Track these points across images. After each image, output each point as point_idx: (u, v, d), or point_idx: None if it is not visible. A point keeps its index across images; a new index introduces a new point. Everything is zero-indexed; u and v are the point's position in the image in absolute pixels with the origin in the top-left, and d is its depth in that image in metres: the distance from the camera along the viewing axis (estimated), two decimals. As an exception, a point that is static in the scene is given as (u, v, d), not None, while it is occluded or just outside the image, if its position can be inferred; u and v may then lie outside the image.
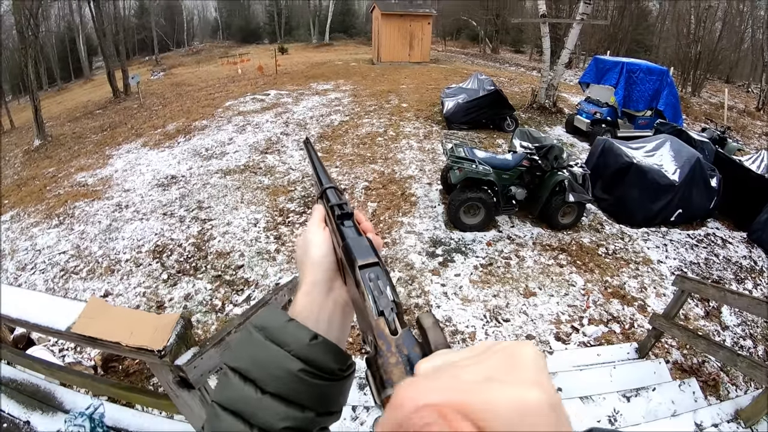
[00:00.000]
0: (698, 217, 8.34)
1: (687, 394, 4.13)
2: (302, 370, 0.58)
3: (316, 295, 0.68)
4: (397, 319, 0.54)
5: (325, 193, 0.80)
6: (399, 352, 0.50)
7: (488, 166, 6.98)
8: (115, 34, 25.86)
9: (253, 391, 0.57)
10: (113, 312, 2.12)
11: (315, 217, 0.76)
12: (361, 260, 0.61)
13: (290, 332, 0.60)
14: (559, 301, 6.10)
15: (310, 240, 0.73)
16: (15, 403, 3.04)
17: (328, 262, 0.70)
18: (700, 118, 18.51)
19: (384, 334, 0.52)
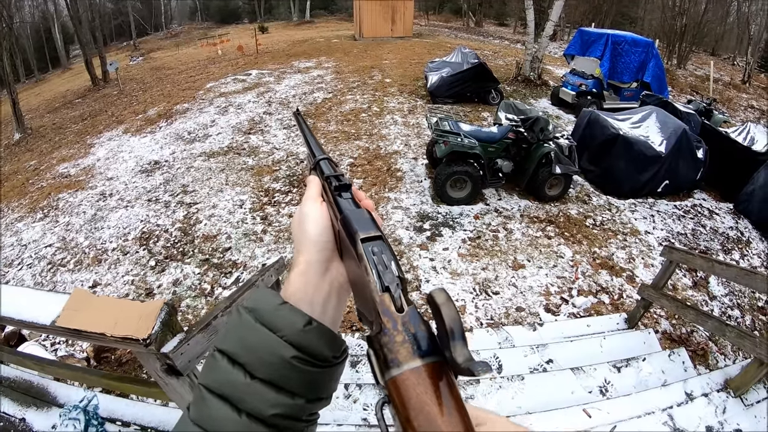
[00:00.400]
0: (685, 189, 8.40)
1: (677, 364, 4.17)
2: (295, 357, 0.54)
3: (312, 275, 0.64)
4: (402, 295, 0.52)
5: (318, 165, 0.76)
6: (405, 331, 0.48)
7: (474, 139, 6.94)
8: (91, 20, 25.53)
9: (242, 376, 0.54)
10: (97, 302, 2.08)
11: (311, 191, 0.72)
12: (362, 233, 0.58)
13: (283, 316, 0.56)
14: (548, 272, 6.12)
15: (306, 214, 0.68)
16: (10, 400, 3.03)
17: (325, 240, 0.66)
18: (686, 90, 18.58)
19: (390, 311, 0.50)
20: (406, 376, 0.45)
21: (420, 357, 0.46)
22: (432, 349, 0.47)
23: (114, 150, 11.37)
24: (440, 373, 0.45)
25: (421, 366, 0.45)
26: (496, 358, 4.14)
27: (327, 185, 0.71)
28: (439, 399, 0.44)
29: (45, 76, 39.33)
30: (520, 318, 5.34)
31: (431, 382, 0.45)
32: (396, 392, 0.45)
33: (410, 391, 0.44)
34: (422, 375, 0.45)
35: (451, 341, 0.44)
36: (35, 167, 11.86)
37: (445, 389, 0.45)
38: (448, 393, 0.45)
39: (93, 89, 21.33)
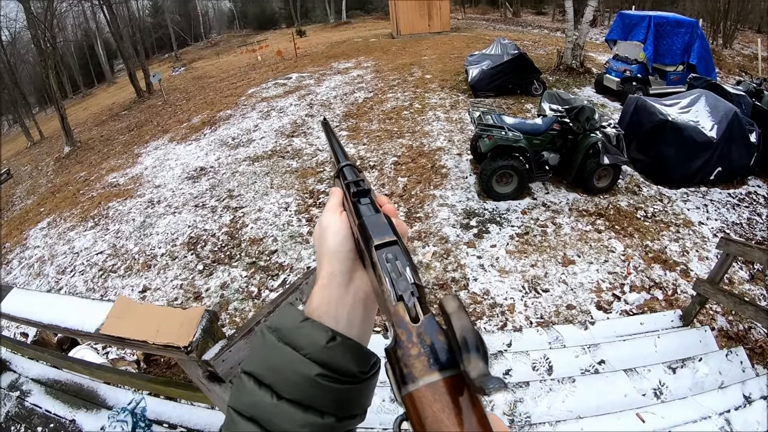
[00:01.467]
0: (738, 175, 8.04)
1: (734, 364, 3.98)
2: (320, 374, 0.52)
3: (334, 288, 0.61)
4: (418, 304, 0.49)
5: (342, 172, 0.74)
6: (421, 342, 0.45)
7: (518, 132, 6.82)
8: (132, 35, 26.17)
9: (269, 397, 0.53)
10: (140, 310, 2.11)
11: (332, 201, 0.70)
12: (377, 239, 0.56)
13: (305, 334, 0.55)
14: (598, 268, 5.96)
15: (325, 226, 0.66)
16: (60, 403, 3.13)
17: (346, 250, 0.64)
18: (734, 70, 17.92)
19: (404, 321, 0.48)
20: (422, 392, 0.42)
21: (438, 371, 0.43)
22: (451, 361, 0.43)
23: (160, 158, 11.65)
24: (460, 387, 0.42)
25: (439, 380, 0.42)
26: (546, 359, 4.04)
27: (347, 192, 0.69)
28: (458, 417, 0.40)
29: (91, 90, 40.79)
30: (570, 316, 5.21)
31: (450, 398, 0.41)
32: (413, 409, 0.42)
33: (426, 408, 0.41)
34: (439, 390, 0.42)
35: (464, 353, 0.40)
36: (85, 178, 12.26)
37: (466, 406, 0.41)
38: (470, 410, 0.41)
39: (138, 101, 21.97)
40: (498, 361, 4.02)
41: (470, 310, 5.32)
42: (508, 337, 4.59)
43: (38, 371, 3.38)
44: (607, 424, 3.12)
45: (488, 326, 5.10)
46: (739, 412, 3.18)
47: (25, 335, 5.33)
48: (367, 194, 0.67)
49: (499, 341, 4.53)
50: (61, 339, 4.83)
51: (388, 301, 0.50)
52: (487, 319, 5.21)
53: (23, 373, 3.39)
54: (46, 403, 3.14)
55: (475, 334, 0.41)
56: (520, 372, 3.94)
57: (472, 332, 0.41)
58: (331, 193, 0.72)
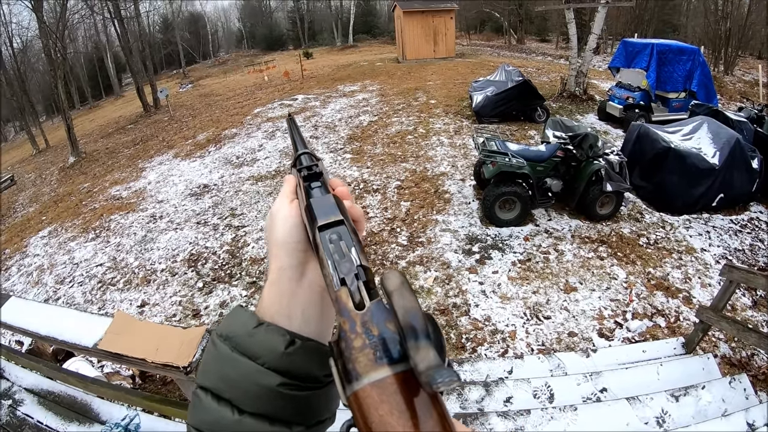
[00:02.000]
0: (741, 201, 8.04)
1: (738, 392, 3.93)
2: (282, 384, 0.49)
3: (285, 283, 0.57)
4: (363, 288, 0.44)
5: (299, 160, 0.69)
6: (366, 332, 0.40)
7: (522, 159, 6.84)
8: (142, 50, 26.40)
9: (230, 413, 0.48)
10: (139, 327, 2.11)
11: (283, 189, 0.65)
12: (321, 219, 0.51)
13: (260, 341, 0.51)
14: (600, 295, 5.94)
15: (273, 215, 0.61)
16: (53, 415, 3.10)
17: (295, 240, 0.58)
18: (735, 96, 17.96)
19: (346, 308, 0.42)
20: (367, 391, 0.37)
21: (388, 365, 0.37)
22: (404, 354, 0.37)
23: (164, 174, 11.68)
24: (416, 386, 0.36)
25: (387, 377, 0.37)
26: (547, 387, 4.01)
27: (300, 179, 0.64)
28: (413, 422, 0.34)
29: (98, 103, 40.98)
30: (572, 343, 5.18)
31: (402, 398, 0.36)
32: (358, 412, 0.37)
33: (372, 412, 0.36)
34: (388, 389, 0.36)
35: (409, 341, 0.35)
36: (88, 189, 12.29)
37: (424, 407, 0.36)
38: (428, 413, 0.35)
39: (144, 115, 22.06)
40: (499, 388, 3.99)
41: (471, 337, 5.30)
42: (509, 364, 4.56)
43: (32, 381, 3.35)
44: (608, 453, 3.09)
45: (489, 353, 5.06)
46: (743, 440, 3.15)
47: (20, 343, 5.29)
48: (319, 177, 0.63)
49: (500, 368, 4.49)
50: (56, 350, 4.80)
51: (331, 286, 0.46)
52: (488, 345, 5.17)
53: (16, 382, 3.36)
54: (38, 413, 3.11)
55: (423, 316, 0.37)
56: (521, 400, 3.91)
57: (419, 314, 0.37)
58: (285, 181, 0.67)
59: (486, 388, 3.98)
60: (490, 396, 3.91)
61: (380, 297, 0.42)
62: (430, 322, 0.37)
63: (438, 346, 0.36)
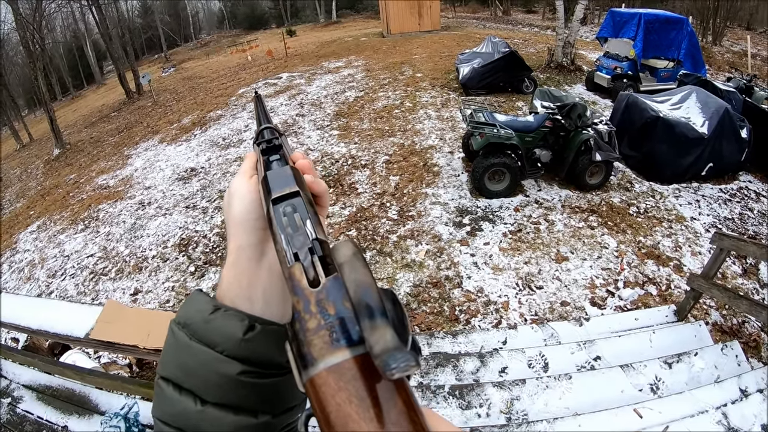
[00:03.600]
0: (730, 171, 8.08)
1: (730, 358, 3.99)
2: (243, 372, 0.46)
3: (244, 263, 0.54)
4: (319, 263, 0.40)
5: (261, 135, 0.65)
6: (321, 312, 0.36)
7: (510, 130, 6.81)
8: (122, 36, 26.03)
9: (192, 403, 0.46)
10: (130, 314, 2.08)
11: (243, 166, 0.62)
12: (276, 192, 0.48)
13: (218, 327, 0.48)
14: (592, 264, 5.96)
15: (232, 193, 0.58)
16: (52, 409, 3.08)
17: (253, 218, 0.55)
18: (724, 67, 18.04)
19: (300, 286, 0.38)
20: (323, 377, 0.33)
21: (347, 347, 0.33)
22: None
23: (151, 160, 11.59)
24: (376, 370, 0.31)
25: (345, 361, 0.33)
26: (542, 356, 4.03)
27: (260, 154, 0.61)
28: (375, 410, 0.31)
29: (81, 92, 40.62)
30: (565, 313, 5.20)
31: (363, 384, 0.32)
32: (314, 400, 0.33)
33: (329, 399, 0.32)
34: (346, 374, 0.32)
35: (362, 320, 0.33)
36: (75, 180, 12.19)
37: (387, 394, 0.32)
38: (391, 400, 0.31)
39: (128, 102, 21.86)
40: (494, 359, 4.01)
41: (464, 308, 5.32)
42: (503, 334, 4.58)
43: (29, 377, 3.33)
44: (604, 420, 3.11)
45: (483, 324, 5.08)
46: (735, 406, 3.19)
47: (15, 340, 5.26)
48: (278, 150, 0.60)
49: (494, 339, 4.51)
50: (52, 344, 4.77)
51: (284, 263, 0.42)
52: (481, 316, 5.19)
53: (14, 379, 3.34)
54: (38, 409, 3.09)
55: (377, 291, 0.34)
56: (516, 369, 3.93)
57: (374, 289, 0.34)
58: (245, 158, 0.64)
59: (481, 359, 4.00)
60: (485, 367, 3.93)
61: (337, 273, 0.38)
62: (387, 297, 0.35)
63: (398, 324, 0.33)
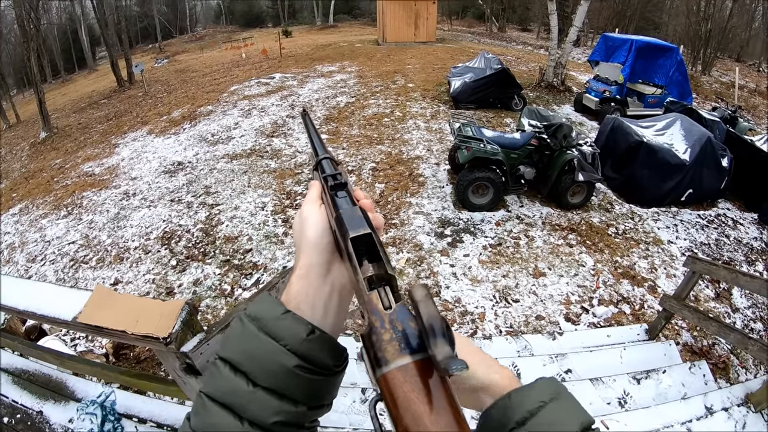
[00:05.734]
0: (709, 198, 8.24)
1: (697, 377, 4.10)
2: (298, 366, 0.55)
3: (313, 278, 0.64)
4: (390, 292, 0.54)
5: (320, 165, 0.76)
6: (393, 328, 0.49)
7: (496, 146, 6.91)
8: (117, 23, 25.77)
9: (245, 384, 0.54)
10: (119, 300, 2.10)
11: (311, 194, 0.73)
12: (353, 232, 0.58)
13: (286, 326, 0.57)
14: (568, 281, 6.06)
15: (305, 218, 0.69)
16: (28, 393, 3.07)
17: (324, 242, 0.66)
18: (711, 97, 18.32)
19: (377, 309, 0.52)
20: (393, 374, 0.47)
21: (409, 354, 0.47)
22: (421, 346, 0.47)
23: (138, 150, 11.53)
24: (430, 370, 0.46)
25: (409, 363, 0.47)
26: (514, 367, 4.11)
27: (325, 185, 0.71)
28: (428, 397, 0.45)
29: (71, 76, 40.12)
30: (539, 326, 5.29)
31: (420, 379, 0.46)
32: (386, 389, 0.47)
33: (398, 389, 0.46)
34: (410, 372, 0.46)
35: (431, 338, 0.45)
36: (60, 165, 12.09)
37: (436, 387, 0.46)
38: (440, 391, 0.46)
39: (118, 90, 21.68)
40: (466, 368, 4.07)
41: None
42: (478, 344, 4.64)
43: (5, 360, 3.30)
44: (572, 430, 3.18)
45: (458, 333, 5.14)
46: (700, 422, 3.28)
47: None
48: (344, 187, 0.69)
49: (468, 348, 4.57)
50: (29, 328, 4.75)
51: (363, 290, 0.54)
52: (457, 326, 5.25)
53: (-11, 362, 3.34)
54: (12, 392, 3.08)
55: (441, 320, 0.46)
56: (488, 379, 3.99)
57: (439, 319, 0.46)
58: (311, 186, 0.75)
59: (454, 367, 4.05)
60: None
61: (402, 300, 0.52)
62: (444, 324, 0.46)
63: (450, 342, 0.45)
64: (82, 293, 2.11)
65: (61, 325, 2.25)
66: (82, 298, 2.06)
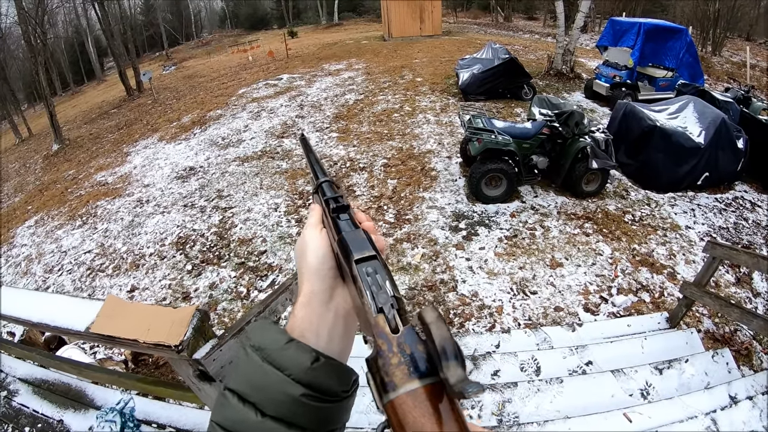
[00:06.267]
0: (725, 180, 8.13)
1: (720, 365, 4.03)
2: (304, 394, 0.54)
3: (316, 305, 0.63)
4: (398, 315, 0.52)
5: (320, 188, 0.76)
6: (401, 352, 0.48)
7: (508, 136, 6.85)
8: (123, 33, 26.00)
9: (253, 414, 0.54)
10: (130, 309, 2.10)
11: (312, 218, 0.73)
12: (357, 254, 0.58)
13: (290, 355, 0.56)
14: (586, 271, 6.00)
15: (306, 243, 0.69)
16: (48, 403, 3.09)
17: (326, 268, 0.66)
18: (723, 78, 18.11)
19: (384, 332, 0.50)
20: (402, 399, 0.45)
21: (418, 378, 0.45)
22: (430, 370, 0.46)
23: (150, 157, 11.58)
24: (440, 394, 0.45)
25: (419, 388, 0.45)
26: (534, 360, 4.06)
27: (326, 208, 0.71)
28: (438, 422, 0.43)
29: (81, 88, 40.58)
30: (558, 318, 5.24)
31: (430, 404, 0.44)
32: (394, 416, 0.45)
33: (407, 415, 0.44)
34: (419, 397, 0.44)
35: (443, 361, 0.42)
36: (74, 176, 12.17)
37: (446, 411, 0.44)
38: (450, 415, 0.44)
39: (128, 99, 21.85)
40: (486, 362, 4.04)
41: (459, 312, 5.35)
42: (497, 338, 4.61)
43: (25, 370, 3.34)
44: (594, 424, 3.14)
45: (476, 327, 5.11)
46: (725, 412, 3.21)
47: (11, 334, 5.28)
48: (346, 210, 0.68)
49: (487, 342, 4.54)
50: (48, 338, 4.79)
51: (369, 313, 0.52)
52: (475, 320, 5.22)
53: (10, 373, 3.35)
54: (33, 402, 3.11)
55: (453, 342, 0.43)
56: (509, 373, 3.96)
57: (451, 341, 0.43)
58: (311, 210, 0.74)
59: (474, 362, 4.03)
60: (477, 370, 3.96)
61: (410, 323, 0.50)
62: (457, 347, 0.44)
63: (462, 364, 0.43)
64: (95, 303, 2.11)
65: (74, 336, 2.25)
66: (94, 308, 2.07)
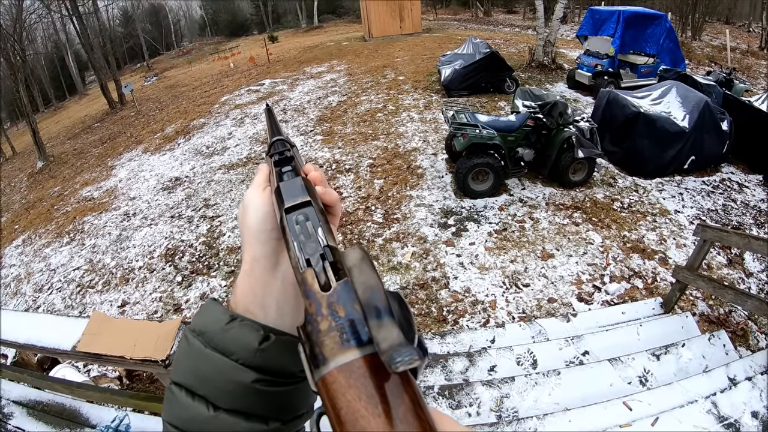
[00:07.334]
0: (712, 163, 8.15)
1: (717, 348, 4.03)
2: (257, 380, 0.47)
3: (258, 273, 0.55)
4: (330, 268, 0.42)
5: (273, 146, 0.67)
6: (332, 314, 0.38)
7: (492, 130, 6.84)
8: (103, 46, 25.75)
9: (205, 409, 0.46)
10: (116, 325, 2.08)
11: (257, 178, 0.63)
12: (288, 201, 0.50)
13: (234, 336, 0.49)
14: (578, 260, 5.99)
15: (246, 205, 0.60)
16: (44, 424, 3.07)
17: (268, 229, 0.56)
18: (704, 61, 18.21)
19: (312, 290, 0.40)
20: (333, 375, 0.35)
21: (357, 347, 0.35)
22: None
23: (135, 170, 11.49)
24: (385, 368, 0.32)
25: (355, 360, 0.35)
26: (530, 353, 4.05)
27: (272, 165, 0.63)
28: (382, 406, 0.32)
29: (63, 103, 40.35)
30: (552, 309, 5.23)
31: (371, 382, 0.33)
32: (326, 398, 0.35)
33: (339, 396, 0.33)
34: (355, 373, 0.34)
35: (370, 319, 0.34)
36: (59, 193, 12.05)
37: (394, 391, 0.33)
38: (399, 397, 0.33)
39: (110, 112, 21.67)
40: (482, 358, 4.02)
41: (452, 309, 5.33)
42: (491, 333, 4.59)
43: (19, 393, 3.30)
44: (594, 414, 3.13)
45: (471, 323, 5.09)
46: (725, 395, 3.21)
47: (4, 356, 5.20)
48: (290, 162, 0.61)
49: (482, 338, 4.52)
50: (41, 359, 4.73)
51: (296, 268, 0.44)
52: (469, 316, 5.20)
53: (4, 396, 3.31)
54: (28, 425, 3.07)
55: (383, 292, 0.35)
56: (505, 367, 3.94)
57: (380, 290, 0.35)
58: (258, 170, 0.65)
59: (469, 358, 4.01)
60: (474, 366, 3.94)
61: (346, 278, 0.40)
62: (394, 299, 0.36)
63: (404, 323, 0.34)
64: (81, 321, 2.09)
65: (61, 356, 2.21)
66: (80, 326, 2.03)
